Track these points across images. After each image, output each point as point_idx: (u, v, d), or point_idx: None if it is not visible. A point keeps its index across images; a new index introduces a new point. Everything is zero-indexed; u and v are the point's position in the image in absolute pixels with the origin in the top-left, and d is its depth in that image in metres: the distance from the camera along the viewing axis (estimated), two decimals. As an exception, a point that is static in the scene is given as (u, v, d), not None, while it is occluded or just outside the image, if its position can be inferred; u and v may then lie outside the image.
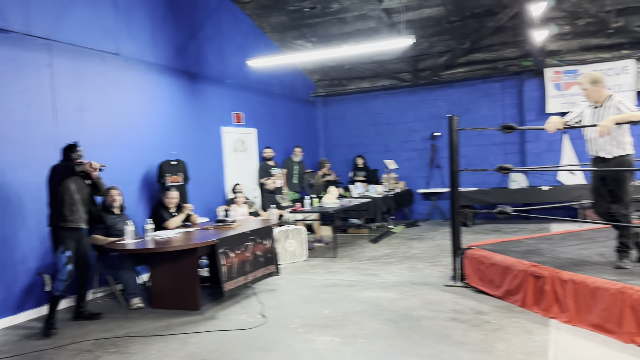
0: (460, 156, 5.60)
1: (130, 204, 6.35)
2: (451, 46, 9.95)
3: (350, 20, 9.32)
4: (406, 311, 4.69)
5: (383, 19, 9.13)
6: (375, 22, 9.31)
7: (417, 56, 10.51)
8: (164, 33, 7.21)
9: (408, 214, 11.16)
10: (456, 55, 10.05)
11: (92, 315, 4.96)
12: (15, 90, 5.11)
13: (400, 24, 9.16)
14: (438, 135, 10.88)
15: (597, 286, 3.87)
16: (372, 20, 9.25)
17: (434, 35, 9.71)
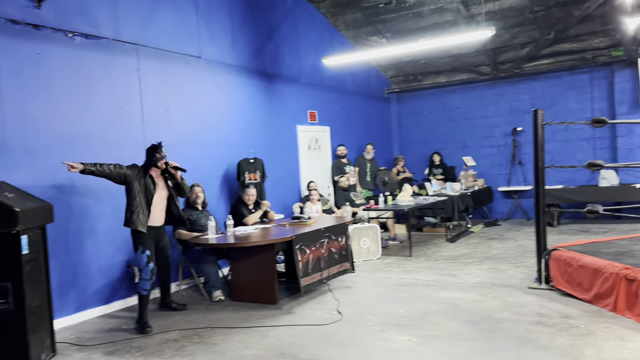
0: (545, 152, 5.34)
1: (212, 200, 6.61)
2: (534, 37, 9.49)
3: (426, 14, 9.14)
4: (487, 313, 4.54)
5: (461, 11, 8.87)
6: (452, 15, 9.07)
7: (498, 48, 10.11)
8: (243, 35, 7.43)
9: (487, 213, 10.79)
10: (540, 46, 9.57)
11: (177, 306, 5.20)
12: (108, 92, 5.46)
13: (480, 15, 8.86)
14: (520, 130, 10.43)
15: (703, 293, 3.56)
16: (449, 13, 9.02)
17: (516, 26, 9.31)
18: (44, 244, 4.05)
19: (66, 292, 4.97)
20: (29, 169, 4.70)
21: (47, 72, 4.89)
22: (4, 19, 4.56)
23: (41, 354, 3.85)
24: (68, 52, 5.08)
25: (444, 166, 10.62)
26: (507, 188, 10.59)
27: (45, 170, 4.82)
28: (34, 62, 4.78)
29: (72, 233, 5.04)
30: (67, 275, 4.99)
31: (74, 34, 5.14)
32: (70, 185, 5.03)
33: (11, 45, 4.60)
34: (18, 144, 4.63)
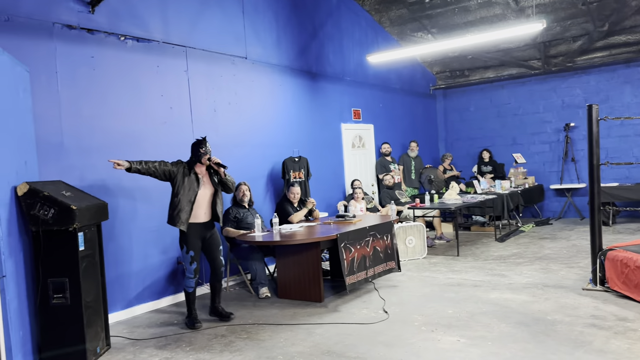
0: (600, 149, 5.12)
1: (258, 198, 6.70)
2: (587, 29, 9.12)
3: (473, 8, 8.94)
4: (539, 315, 4.40)
5: (510, 5, 8.62)
6: (501, 9, 8.83)
7: (549, 42, 9.77)
8: (287, 35, 7.48)
9: (538, 212, 10.45)
10: (593, 38, 9.18)
11: (223, 314, 4.89)
12: (159, 94, 5.62)
13: (530, 8, 8.59)
14: (573, 126, 10.06)
15: None
16: (497, 6, 8.78)
17: (568, 19, 8.97)
18: (99, 240, 4.21)
19: (119, 288, 5.15)
20: (84, 168, 4.89)
21: (101, 74, 5.08)
22: (60, 24, 4.76)
23: (96, 347, 4.00)
24: (120, 55, 5.26)
25: (493, 163, 10.35)
26: (559, 186, 10.23)
27: (99, 169, 5.01)
28: (88, 65, 4.98)
29: (124, 230, 5.22)
30: (121, 271, 5.17)
31: (126, 37, 5.32)
32: (122, 183, 5.21)
33: (67, 49, 4.81)
34: (74, 144, 4.83)
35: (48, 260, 3.76)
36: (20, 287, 3.58)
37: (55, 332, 3.79)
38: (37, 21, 4.59)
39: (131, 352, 4.15)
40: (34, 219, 3.69)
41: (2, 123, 3.44)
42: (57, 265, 3.77)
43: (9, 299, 3.33)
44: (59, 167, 4.67)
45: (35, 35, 4.58)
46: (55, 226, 3.71)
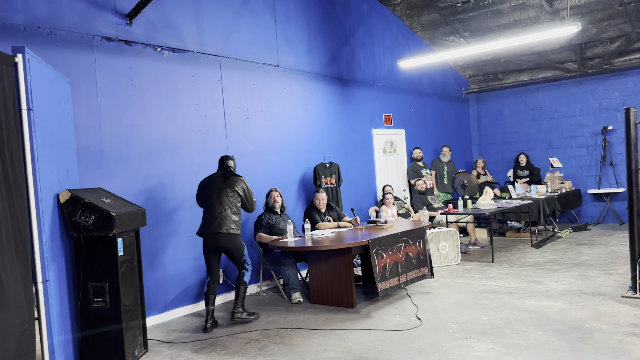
0: (638, 152, 4.99)
1: (290, 204, 6.77)
2: (625, 30, 8.88)
3: (506, 11, 8.83)
4: (576, 322, 4.30)
5: (544, 7, 8.48)
6: (535, 11, 8.69)
7: (584, 44, 9.56)
8: (319, 42, 7.55)
9: (576, 217, 10.20)
10: (631, 40, 8.94)
11: (237, 318, 4.92)
12: (194, 103, 5.75)
13: (564, 10, 8.43)
14: (611, 129, 9.79)
15: None
16: (531, 9, 8.65)
17: (604, 20, 8.76)
18: (137, 246, 4.33)
19: (156, 292, 5.28)
20: (123, 176, 5.05)
21: (139, 85, 5.24)
22: (99, 36, 4.94)
23: (134, 349, 4.12)
24: (157, 65, 5.41)
25: (531, 167, 10.15)
26: (597, 190, 9.96)
27: (137, 176, 5.16)
28: (126, 76, 5.14)
29: (162, 236, 5.35)
30: (157, 276, 5.30)
31: (162, 48, 5.47)
32: (160, 191, 5.35)
33: (106, 60, 4.99)
34: (113, 152, 4.99)
35: (88, 265, 3.89)
36: (62, 291, 3.72)
37: (96, 335, 3.91)
38: (77, 34, 4.78)
39: (168, 356, 4.25)
40: (75, 225, 3.83)
41: (46, 133, 3.59)
42: (97, 270, 3.90)
43: (52, 302, 3.46)
44: (99, 175, 4.83)
45: (76, 48, 4.77)
46: (96, 232, 3.84)
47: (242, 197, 5.00)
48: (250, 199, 5.05)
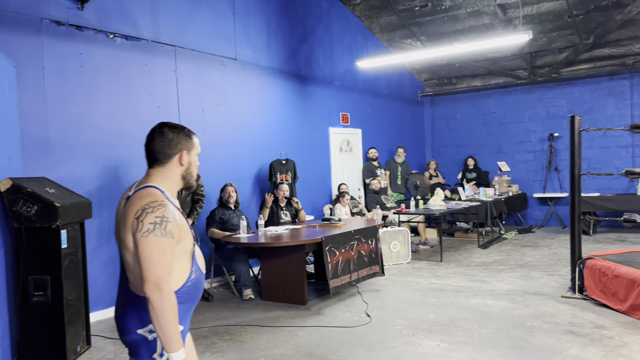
0: (582, 159, 5.23)
1: (244, 200, 6.70)
2: (573, 41, 9.28)
3: (462, 17, 9.05)
4: (518, 321, 4.46)
5: (498, 15, 8.74)
6: (489, 18, 8.95)
7: (535, 52, 9.93)
8: (278, 38, 7.51)
9: (521, 220, 10.58)
10: (578, 50, 9.35)
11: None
12: (147, 93, 5.60)
13: (517, 19, 8.72)
14: (557, 136, 10.21)
15: None
16: (486, 16, 8.90)
17: (554, 30, 9.12)
18: (82, 239, 4.18)
19: (102, 287, 5.11)
20: (69, 165, 4.86)
21: (89, 72, 5.06)
22: (48, 20, 4.74)
23: (77, 345, 3.98)
24: (109, 52, 5.24)
25: (478, 170, 10.47)
26: (542, 195, 10.37)
27: (85, 167, 4.98)
28: (76, 62, 4.95)
29: (108, 229, 5.19)
30: (103, 270, 5.14)
31: (115, 35, 5.30)
32: (108, 182, 5.18)
33: (55, 45, 4.78)
34: (60, 141, 4.80)
35: (29, 258, 3.74)
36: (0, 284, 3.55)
37: (35, 331, 3.76)
38: (25, 16, 4.56)
39: (112, 352, 4.13)
40: (16, 215, 3.66)
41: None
42: (39, 263, 3.75)
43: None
44: (44, 164, 4.64)
45: (23, 31, 4.55)
46: (38, 223, 3.69)
47: None
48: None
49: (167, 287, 1.69)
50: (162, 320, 1.68)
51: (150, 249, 1.70)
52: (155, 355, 1.80)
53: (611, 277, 4.65)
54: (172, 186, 1.91)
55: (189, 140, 1.94)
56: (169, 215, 1.75)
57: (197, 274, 1.89)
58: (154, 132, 1.91)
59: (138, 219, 1.72)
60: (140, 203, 1.75)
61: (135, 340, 1.81)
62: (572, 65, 9.86)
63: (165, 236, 1.72)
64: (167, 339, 1.69)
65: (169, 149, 1.89)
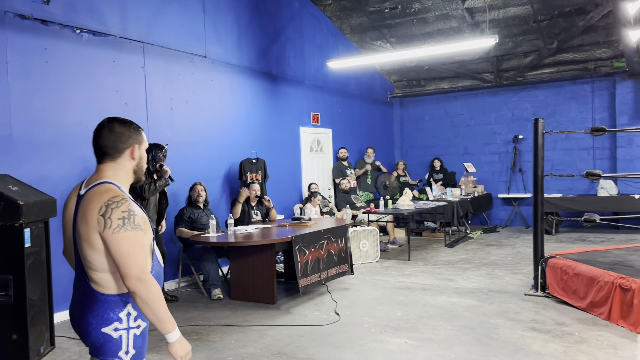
0: (545, 161, 5.39)
1: (214, 199, 6.66)
2: (537, 46, 9.55)
3: (431, 20, 9.20)
4: (483, 318, 4.58)
5: (466, 19, 8.93)
6: (457, 22, 9.13)
7: (501, 56, 10.17)
8: (249, 36, 7.48)
9: (486, 219, 10.83)
10: (543, 55, 9.63)
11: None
12: (114, 89, 5.51)
13: (484, 23, 8.92)
14: (521, 138, 10.48)
15: (697, 304, 3.60)
16: (454, 19, 9.07)
17: (519, 35, 9.37)
18: (46, 237, 4.09)
19: (67, 287, 5.00)
20: (33, 163, 4.74)
21: (54, 67, 4.94)
22: (12, 13, 4.61)
23: (40, 346, 3.89)
24: (75, 48, 5.13)
25: (444, 171, 10.67)
26: (506, 195, 10.63)
27: (50, 164, 4.87)
28: (41, 57, 4.84)
29: (74, 228, 5.08)
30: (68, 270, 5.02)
31: (82, 30, 5.20)
32: (74, 179, 5.07)
33: (19, 39, 4.66)
34: (23, 137, 4.68)
35: (-9, 257, 3.63)
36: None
37: (-3, 331, 3.66)
38: (-13, 9, 4.43)
39: (76, 353, 4.06)
40: (-22, 213, 3.56)
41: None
42: (1, 262, 3.65)
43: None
44: (6, 161, 4.51)
45: (-15, 23, 4.42)
46: (1, 221, 3.59)
47: None
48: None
49: (149, 277, 1.72)
50: (154, 308, 1.72)
51: (124, 244, 1.70)
52: (121, 352, 1.80)
53: (572, 275, 4.82)
54: (125, 181, 1.91)
55: (139, 134, 1.93)
56: (133, 208, 1.76)
57: (158, 269, 1.91)
58: (102, 127, 1.89)
59: (104, 216, 1.71)
60: (101, 200, 1.74)
61: (99, 339, 1.80)
62: (536, 69, 10.14)
63: (136, 229, 1.73)
64: (162, 323, 1.75)
65: (120, 143, 1.87)
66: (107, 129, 1.87)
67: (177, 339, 1.80)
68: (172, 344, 1.80)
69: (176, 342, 1.80)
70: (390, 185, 9.77)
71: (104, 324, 1.80)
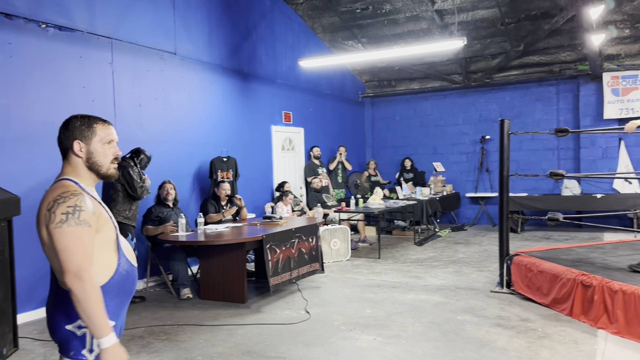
0: (511, 161, 5.52)
1: (183, 197, 6.60)
2: (505, 48, 9.77)
3: (401, 21, 9.30)
4: (450, 315, 4.67)
5: (435, 20, 9.06)
6: (427, 24, 9.26)
7: (469, 58, 10.37)
8: (219, 33, 7.43)
9: (455, 218, 11.02)
10: (510, 57, 9.85)
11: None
12: (81, 85, 5.41)
13: (453, 25, 9.07)
14: (488, 138, 10.70)
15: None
16: (424, 21, 9.20)
17: (487, 37, 9.56)
18: (9, 237, 3.98)
19: (30, 287, 4.89)
20: (-4, 160, 4.62)
21: (19, 62, 4.82)
22: (-25, 6, 4.48)
23: (3, 348, 3.79)
24: (41, 43, 5.02)
25: (414, 171, 10.81)
26: (474, 194, 10.85)
27: (13, 161, 4.75)
28: (5, 51, 4.71)
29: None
30: (32, 270, 4.91)
31: (47, 25, 5.08)
32: (38, 177, 4.96)
33: (-18, 33, 4.53)
34: (-15, 134, 4.55)
35: (-49, 257, 3.53)
36: None
37: (-43, 333, 3.56)
38: (-53, 1, 4.29)
39: (41, 354, 3.97)
40: (-63, 212, 3.45)
41: None
42: (-38, 262, 3.55)
43: None
44: (-33, 158, 4.38)
45: (-55, 16, 4.28)
46: (-39, 220, 3.49)
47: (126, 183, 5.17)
48: (131, 185, 5.17)
49: (88, 276, 1.67)
50: (87, 309, 1.66)
51: (65, 239, 1.68)
52: (85, 351, 1.78)
53: (536, 272, 4.96)
54: (85, 177, 1.87)
55: (86, 129, 1.86)
56: (82, 204, 1.72)
57: (127, 266, 1.87)
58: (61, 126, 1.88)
59: (50, 211, 1.70)
60: (53, 195, 1.74)
61: (64, 336, 1.78)
62: (503, 71, 10.37)
63: (80, 225, 1.69)
64: (95, 326, 1.68)
65: (65, 140, 1.86)
66: (62, 127, 1.87)
67: (110, 345, 1.69)
68: (105, 351, 1.69)
69: (109, 349, 1.69)
70: (361, 184, 9.85)
71: (68, 321, 1.77)
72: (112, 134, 1.92)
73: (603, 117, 9.39)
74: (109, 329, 1.71)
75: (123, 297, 1.87)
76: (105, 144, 1.88)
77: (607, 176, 9.21)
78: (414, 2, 8.58)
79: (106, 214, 1.84)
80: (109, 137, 1.90)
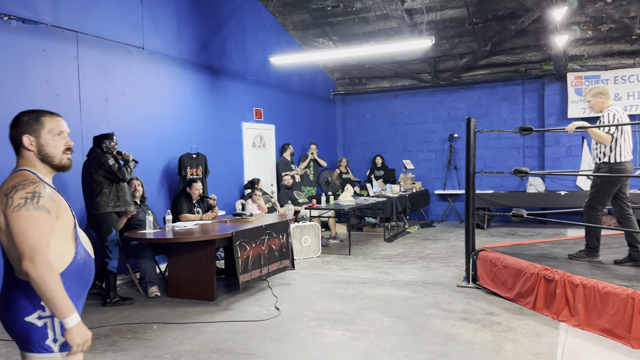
0: (478, 158, 5.65)
1: (151, 194, 6.51)
2: (472, 48, 9.94)
3: (372, 19, 9.36)
4: (418, 309, 4.75)
5: (405, 19, 9.15)
6: (397, 22, 9.34)
7: (438, 57, 10.51)
8: (189, 28, 7.35)
9: (424, 215, 11.18)
10: (477, 57, 10.03)
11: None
12: (45, 80, 5.28)
13: (422, 24, 9.18)
14: (456, 137, 10.88)
15: (608, 291, 3.89)
16: (393, 20, 9.28)
17: (456, 37, 9.71)
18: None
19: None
20: (-46, 155, 4.47)
21: (-22, 55, 4.68)
22: None
23: (-38, 349, 3.69)
24: (3, 36, 4.87)
25: (385, 168, 10.92)
26: (442, 191, 11.02)
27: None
28: (-37, 44, 4.56)
29: None
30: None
31: (10, 17, 4.94)
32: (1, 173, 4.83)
33: (-61, 25, 4.37)
34: (-57, 129, 4.39)
35: None
36: None
37: None
38: None
39: (3, 355, 3.87)
40: None
41: None
42: None
43: None
44: None
45: None
46: None
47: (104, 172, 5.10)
48: (111, 171, 5.10)
49: (45, 258, 1.67)
50: (47, 290, 1.66)
51: (22, 222, 1.68)
52: (48, 341, 1.76)
53: (501, 267, 5.08)
54: (40, 169, 1.88)
55: (34, 123, 1.90)
56: (41, 191, 1.74)
57: (84, 256, 1.87)
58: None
59: (7, 196, 1.71)
60: (10, 183, 1.76)
61: (24, 330, 1.76)
62: (471, 71, 10.55)
63: (39, 209, 1.71)
64: (56, 306, 1.69)
65: (16, 136, 1.90)
66: (11, 124, 1.91)
67: (74, 324, 1.72)
68: (69, 330, 1.72)
69: (73, 329, 1.72)
70: (333, 181, 9.89)
71: (26, 313, 1.75)
72: (61, 125, 1.93)
73: (567, 116, 9.64)
74: (72, 309, 1.72)
75: (81, 287, 1.87)
76: (55, 136, 1.90)
77: (570, 174, 9.50)
78: (384, 1, 8.65)
79: (66, 203, 1.84)
80: (59, 128, 1.91)
